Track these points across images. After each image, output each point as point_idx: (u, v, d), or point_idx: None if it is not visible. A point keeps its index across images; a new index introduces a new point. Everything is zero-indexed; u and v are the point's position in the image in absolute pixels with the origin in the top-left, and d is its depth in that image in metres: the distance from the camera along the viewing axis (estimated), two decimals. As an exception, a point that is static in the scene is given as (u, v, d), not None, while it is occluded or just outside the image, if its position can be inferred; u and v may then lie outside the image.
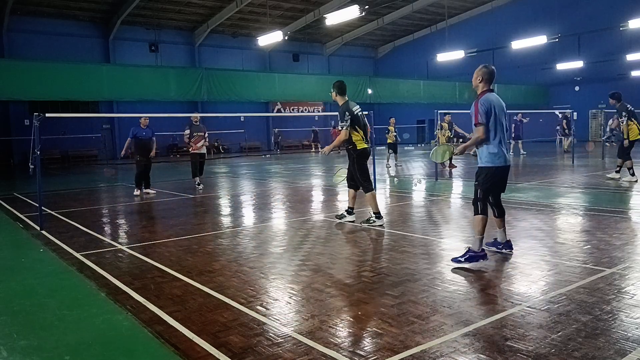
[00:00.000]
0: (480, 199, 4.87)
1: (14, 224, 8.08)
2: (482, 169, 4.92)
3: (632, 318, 3.37)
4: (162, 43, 31.51)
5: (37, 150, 7.34)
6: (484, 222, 4.81)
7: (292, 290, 4.25)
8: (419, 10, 34.48)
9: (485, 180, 4.88)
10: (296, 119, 37.08)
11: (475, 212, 4.88)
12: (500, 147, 4.81)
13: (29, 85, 19.60)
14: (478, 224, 4.81)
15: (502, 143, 4.83)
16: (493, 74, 4.93)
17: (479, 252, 4.73)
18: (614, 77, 29.37)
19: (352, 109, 6.72)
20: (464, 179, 13.17)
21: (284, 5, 31.22)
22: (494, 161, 4.82)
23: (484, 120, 4.75)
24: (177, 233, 6.97)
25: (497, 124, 4.80)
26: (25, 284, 4.78)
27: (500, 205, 5.12)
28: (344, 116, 6.67)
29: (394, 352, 2.97)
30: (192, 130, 12.26)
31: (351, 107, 6.75)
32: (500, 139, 4.81)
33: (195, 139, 12.22)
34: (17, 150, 26.74)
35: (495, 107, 4.80)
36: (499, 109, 4.83)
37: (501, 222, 5.16)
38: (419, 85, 31.55)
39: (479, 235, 4.77)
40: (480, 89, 4.94)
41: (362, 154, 6.84)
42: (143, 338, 3.38)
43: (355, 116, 6.70)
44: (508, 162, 4.95)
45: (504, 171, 4.93)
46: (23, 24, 27.33)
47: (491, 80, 4.93)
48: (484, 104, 4.79)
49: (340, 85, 6.89)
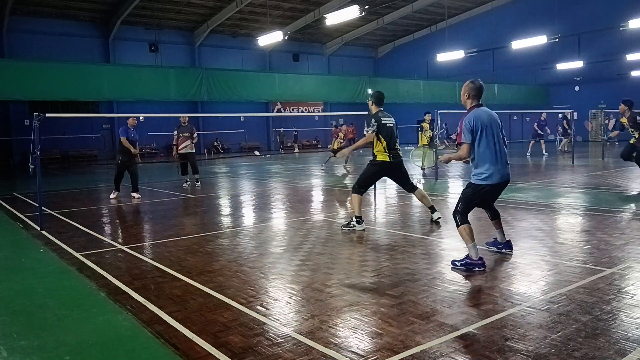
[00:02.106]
0: (460, 212, 4.77)
1: (14, 224, 8.08)
2: (470, 184, 4.81)
3: (632, 318, 3.37)
4: (162, 43, 31.49)
5: (37, 150, 7.34)
6: (468, 230, 4.70)
7: (292, 290, 4.25)
8: (419, 10, 34.47)
9: (472, 197, 4.79)
10: (296, 119, 37.06)
11: (457, 225, 4.78)
12: (493, 164, 4.65)
13: (29, 85, 19.59)
14: (463, 234, 4.72)
15: (496, 159, 4.66)
16: (481, 89, 4.79)
17: (476, 260, 4.62)
18: (614, 77, 29.37)
19: (380, 118, 6.69)
20: (464, 180, 13.17)
21: (284, 5, 31.21)
22: (485, 179, 4.69)
23: (467, 139, 4.65)
24: (177, 233, 6.97)
25: (487, 141, 4.64)
26: (25, 284, 4.78)
27: (493, 209, 5.08)
28: (370, 122, 6.70)
29: (394, 352, 2.97)
30: (178, 131, 12.61)
31: (381, 116, 6.72)
32: (493, 155, 4.66)
33: (180, 139, 12.56)
34: (17, 150, 26.73)
35: (484, 123, 4.65)
36: (489, 124, 4.67)
37: (497, 223, 5.13)
38: (419, 85, 31.55)
39: (470, 244, 4.67)
40: (468, 105, 4.82)
41: (380, 166, 6.81)
42: (143, 338, 3.38)
43: (381, 125, 6.65)
44: (504, 178, 4.76)
45: (496, 188, 4.79)
46: (23, 24, 27.32)
47: (479, 95, 4.79)
48: (469, 122, 4.66)
49: (378, 96, 6.94)
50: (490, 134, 4.67)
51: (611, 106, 24.47)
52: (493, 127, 4.70)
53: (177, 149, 12.67)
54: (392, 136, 6.74)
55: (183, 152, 12.66)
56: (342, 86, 29.99)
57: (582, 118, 29.57)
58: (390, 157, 6.70)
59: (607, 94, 28.89)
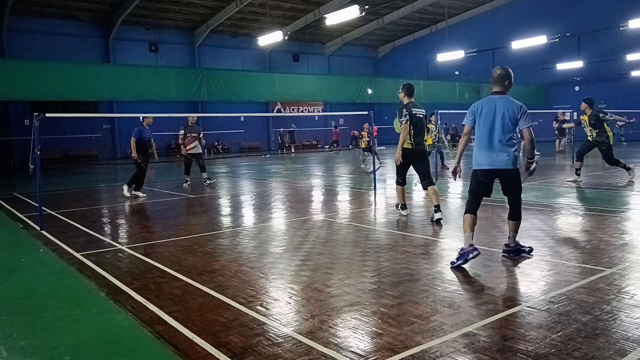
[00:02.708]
0: (468, 200, 5.02)
1: (14, 224, 8.08)
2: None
3: (632, 318, 3.37)
4: (162, 43, 31.50)
5: (37, 150, 7.34)
6: (469, 220, 4.84)
7: (292, 290, 4.25)
8: (419, 10, 34.49)
9: (472, 183, 5.03)
10: (296, 119, 37.08)
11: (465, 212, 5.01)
12: (485, 150, 4.85)
13: (29, 85, 19.61)
14: (464, 222, 4.92)
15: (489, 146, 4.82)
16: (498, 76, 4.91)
17: (467, 248, 4.72)
18: (614, 77, 29.39)
19: (411, 109, 7.09)
20: (464, 180, 13.17)
21: (284, 5, 31.22)
22: (476, 164, 4.95)
23: (467, 122, 4.99)
24: (177, 233, 6.97)
25: (483, 127, 4.86)
26: (25, 284, 4.78)
27: (511, 205, 5.07)
28: (402, 113, 7.09)
29: (394, 352, 2.97)
30: (186, 131, 12.55)
31: (411, 107, 7.13)
32: (485, 142, 4.84)
33: (188, 140, 12.50)
34: (17, 150, 26.75)
35: (483, 109, 4.87)
36: (488, 111, 4.84)
37: (511, 225, 5.07)
38: (419, 85, 31.52)
39: (466, 233, 4.80)
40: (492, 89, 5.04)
41: (406, 153, 7.18)
42: (143, 338, 3.38)
43: (412, 115, 7.04)
44: (493, 165, 4.83)
45: (489, 174, 4.88)
46: (23, 24, 27.33)
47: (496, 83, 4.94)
48: (472, 107, 5.01)
49: (409, 87, 7.32)
50: (487, 121, 4.83)
51: (611, 106, 24.46)
52: (496, 114, 4.81)
53: (186, 148, 12.64)
54: (422, 126, 7.20)
55: (192, 152, 12.69)
56: (342, 86, 30.01)
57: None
58: (412, 145, 7.10)
59: (607, 94, 28.88)
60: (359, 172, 16.53)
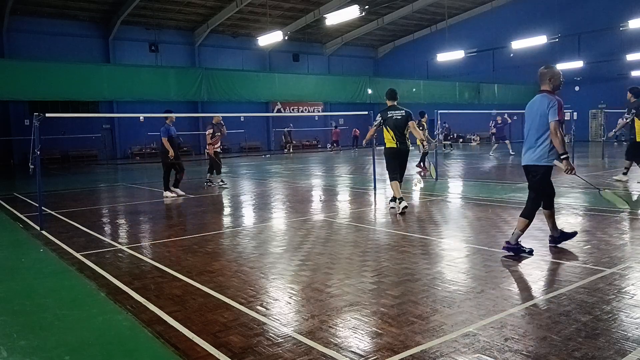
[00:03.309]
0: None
1: (14, 224, 8.08)
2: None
3: (632, 318, 3.37)
4: (162, 43, 31.49)
5: (37, 150, 7.34)
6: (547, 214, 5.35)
7: (292, 290, 4.25)
8: (419, 10, 34.47)
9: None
10: (296, 119, 37.06)
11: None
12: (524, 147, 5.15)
13: (29, 85, 19.60)
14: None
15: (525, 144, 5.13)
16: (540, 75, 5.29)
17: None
18: (614, 77, 29.37)
19: (386, 112, 7.88)
20: (464, 180, 13.19)
21: (284, 5, 31.21)
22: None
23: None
24: (177, 233, 6.97)
25: (525, 126, 5.17)
26: (25, 284, 4.78)
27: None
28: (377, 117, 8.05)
29: (394, 352, 2.97)
30: (214, 130, 12.84)
31: (387, 110, 7.91)
32: (525, 139, 5.14)
33: (216, 139, 12.83)
34: (17, 150, 26.73)
35: (526, 109, 5.22)
36: (527, 110, 5.20)
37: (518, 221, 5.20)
38: (419, 85, 31.57)
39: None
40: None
41: (387, 151, 8.00)
42: (143, 338, 3.38)
43: (387, 118, 7.84)
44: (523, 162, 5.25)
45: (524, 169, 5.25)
46: (23, 24, 27.32)
47: (540, 81, 5.28)
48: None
49: (389, 92, 8.10)
50: (527, 119, 5.14)
51: (611, 106, 24.47)
52: (530, 114, 5.12)
53: (214, 147, 12.79)
54: (396, 127, 7.81)
55: (218, 151, 13.00)
56: (342, 86, 30.01)
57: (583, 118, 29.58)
58: (397, 144, 7.85)
59: (607, 94, 28.88)
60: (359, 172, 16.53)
